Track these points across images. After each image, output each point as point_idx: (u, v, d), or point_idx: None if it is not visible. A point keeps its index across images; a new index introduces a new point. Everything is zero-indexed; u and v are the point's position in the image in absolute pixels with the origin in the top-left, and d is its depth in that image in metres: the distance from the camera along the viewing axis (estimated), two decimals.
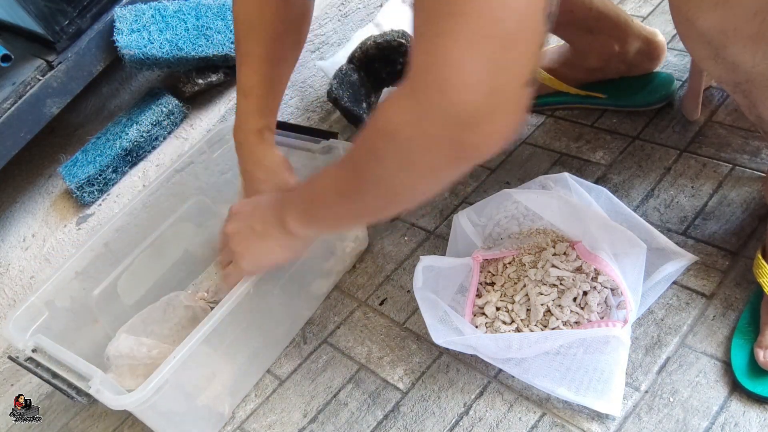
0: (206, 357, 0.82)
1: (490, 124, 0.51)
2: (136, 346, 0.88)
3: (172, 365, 0.75)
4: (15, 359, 0.83)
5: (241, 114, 0.88)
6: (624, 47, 1.03)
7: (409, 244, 1.00)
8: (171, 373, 0.75)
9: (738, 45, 0.61)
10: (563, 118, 1.09)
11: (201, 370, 0.83)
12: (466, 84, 0.50)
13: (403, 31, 1.13)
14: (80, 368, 0.78)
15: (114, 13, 1.17)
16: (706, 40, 0.62)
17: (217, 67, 1.21)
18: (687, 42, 0.67)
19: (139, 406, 0.75)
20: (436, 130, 0.52)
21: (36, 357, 0.81)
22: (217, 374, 0.86)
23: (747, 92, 0.67)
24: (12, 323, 0.86)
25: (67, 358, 0.80)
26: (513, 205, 0.89)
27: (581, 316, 0.79)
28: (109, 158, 1.14)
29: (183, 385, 0.81)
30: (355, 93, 1.12)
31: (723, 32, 0.60)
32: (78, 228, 1.12)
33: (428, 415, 0.79)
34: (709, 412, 0.70)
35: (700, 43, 0.64)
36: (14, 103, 1.10)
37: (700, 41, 0.63)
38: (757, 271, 0.75)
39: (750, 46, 0.61)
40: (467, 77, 0.49)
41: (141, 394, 0.74)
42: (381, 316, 0.92)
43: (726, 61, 0.63)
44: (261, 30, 0.84)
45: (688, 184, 0.92)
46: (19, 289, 1.08)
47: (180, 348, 0.76)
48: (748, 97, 0.68)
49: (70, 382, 0.78)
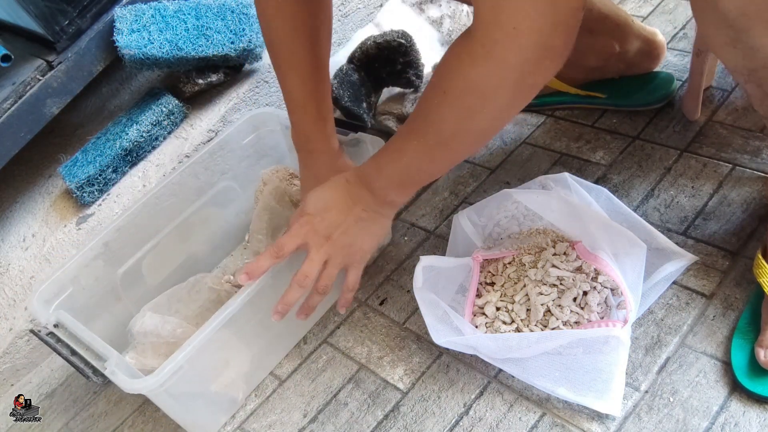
0: (223, 344, 0.82)
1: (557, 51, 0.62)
2: (162, 324, 0.88)
3: (187, 351, 0.76)
4: (37, 333, 0.83)
5: (305, 124, 0.88)
6: (624, 47, 1.03)
7: (409, 244, 1.00)
8: (186, 360, 0.76)
9: (759, 27, 0.61)
10: (563, 118, 1.09)
11: (217, 357, 0.83)
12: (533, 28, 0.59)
13: (403, 31, 1.13)
14: (98, 348, 0.78)
15: (114, 13, 1.17)
16: (727, 23, 0.62)
17: (217, 67, 1.21)
18: (705, 27, 0.67)
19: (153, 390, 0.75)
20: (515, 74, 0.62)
21: (57, 332, 0.82)
22: (233, 361, 0.86)
23: (762, 80, 0.66)
24: (37, 296, 0.87)
25: (86, 336, 0.80)
26: (513, 205, 0.89)
27: (581, 316, 0.79)
28: (109, 158, 1.14)
29: (198, 371, 0.81)
30: (355, 93, 1.12)
31: (745, 15, 0.60)
32: (78, 228, 1.12)
33: (428, 415, 0.79)
34: (709, 412, 0.70)
35: (720, 27, 0.63)
36: (14, 103, 1.10)
37: (720, 25, 0.63)
38: (757, 270, 0.75)
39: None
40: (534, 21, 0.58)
41: (155, 379, 0.74)
42: (381, 316, 0.92)
43: (745, 46, 0.63)
44: (303, 36, 0.83)
45: (689, 184, 0.92)
46: (19, 289, 1.08)
47: (196, 335, 0.77)
48: (762, 86, 0.67)
49: (87, 361, 0.78)
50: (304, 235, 0.79)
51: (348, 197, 0.79)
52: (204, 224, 1.06)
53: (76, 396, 1.00)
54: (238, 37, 1.17)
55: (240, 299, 0.79)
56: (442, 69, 0.68)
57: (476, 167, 1.07)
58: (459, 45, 0.65)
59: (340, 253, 0.80)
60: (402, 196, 0.81)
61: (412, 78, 1.15)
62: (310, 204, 0.80)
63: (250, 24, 1.18)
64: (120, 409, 0.95)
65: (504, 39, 0.60)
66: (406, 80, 1.15)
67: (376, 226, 0.81)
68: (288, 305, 0.79)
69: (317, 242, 0.79)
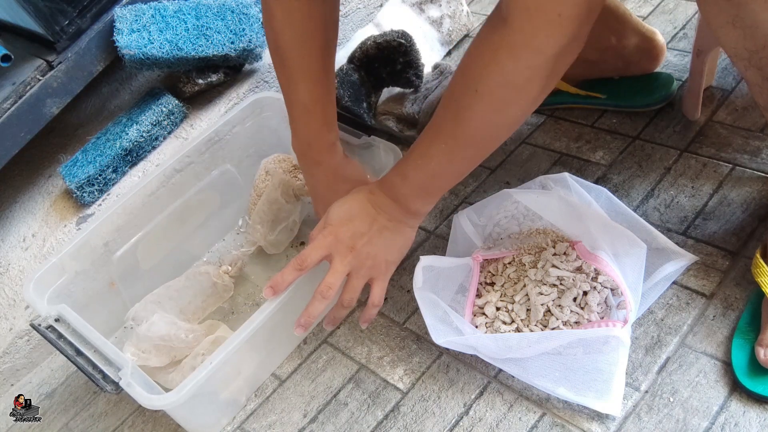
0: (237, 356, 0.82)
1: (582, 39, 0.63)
2: (173, 330, 0.88)
3: (208, 370, 0.75)
4: (36, 327, 0.81)
5: (309, 131, 0.86)
6: (621, 41, 1.02)
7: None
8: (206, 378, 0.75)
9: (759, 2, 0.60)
10: (563, 118, 1.09)
11: (230, 369, 0.83)
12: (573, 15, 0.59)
13: (403, 31, 1.13)
14: (108, 353, 0.77)
15: (114, 13, 1.17)
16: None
17: (217, 67, 1.21)
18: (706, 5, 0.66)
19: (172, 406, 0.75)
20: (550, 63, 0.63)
21: (58, 327, 0.80)
22: (244, 369, 0.86)
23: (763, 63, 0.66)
24: (32, 284, 0.86)
25: (93, 336, 0.79)
26: (513, 205, 0.89)
27: (581, 316, 0.79)
28: (109, 158, 1.14)
29: (213, 383, 0.81)
30: (355, 93, 1.12)
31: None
32: (78, 228, 1.12)
33: (428, 415, 0.79)
34: (709, 412, 0.70)
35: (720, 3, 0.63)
36: (14, 103, 1.10)
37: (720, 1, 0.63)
38: (756, 270, 0.75)
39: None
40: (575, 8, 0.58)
41: (176, 397, 0.73)
42: (381, 316, 0.92)
43: (744, 24, 0.63)
44: (313, 45, 0.81)
45: (689, 184, 0.92)
46: (19, 289, 1.08)
47: (217, 354, 0.76)
48: (763, 70, 0.67)
49: (96, 365, 0.76)
50: (328, 246, 0.78)
51: (371, 207, 0.79)
52: (200, 208, 1.06)
53: (76, 396, 1.00)
54: (238, 37, 1.17)
55: (263, 316, 0.79)
56: (472, 65, 0.67)
57: (476, 167, 1.06)
58: (490, 37, 0.64)
59: (364, 264, 0.78)
60: (427, 205, 0.80)
61: (412, 78, 1.15)
62: (333, 215, 0.79)
63: (250, 24, 1.18)
64: (120, 409, 0.95)
65: (547, 26, 0.59)
66: (406, 80, 1.15)
67: (400, 237, 0.80)
68: (311, 317, 0.78)
69: (341, 252, 0.77)
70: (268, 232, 1.01)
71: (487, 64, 0.65)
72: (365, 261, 0.78)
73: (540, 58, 0.62)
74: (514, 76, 0.64)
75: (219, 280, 0.99)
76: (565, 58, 0.64)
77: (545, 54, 0.62)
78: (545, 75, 0.64)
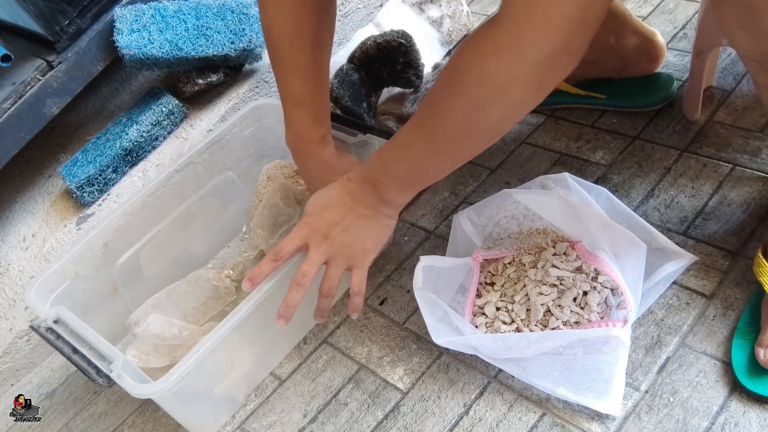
0: (230, 347, 0.82)
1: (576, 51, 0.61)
2: (168, 328, 0.88)
3: (195, 357, 0.75)
4: (36, 329, 0.82)
5: (300, 124, 0.87)
6: (620, 41, 1.02)
7: (409, 244, 1.00)
8: (194, 365, 0.76)
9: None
10: (563, 118, 1.09)
11: (223, 360, 0.84)
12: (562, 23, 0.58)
13: (403, 31, 1.13)
14: (102, 348, 0.78)
15: (114, 13, 1.17)
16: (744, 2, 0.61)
17: (217, 67, 1.21)
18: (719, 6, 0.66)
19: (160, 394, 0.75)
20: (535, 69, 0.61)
21: (57, 328, 0.81)
22: (238, 363, 0.86)
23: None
24: (34, 289, 0.87)
25: (89, 335, 0.80)
26: (513, 205, 0.89)
27: (581, 316, 0.79)
28: (109, 158, 1.14)
29: (205, 374, 0.81)
30: (355, 92, 1.12)
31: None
32: (78, 228, 1.12)
33: (428, 415, 0.79)
34: (709, 412, 0.70)
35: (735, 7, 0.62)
36: (14, 103, 1.10)
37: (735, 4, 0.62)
38: (758, 269, 0.75)
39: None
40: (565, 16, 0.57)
41: (163, 384, 0.74)
42: (381, 316, 0.92)
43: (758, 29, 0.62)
44: (305, 38, 0.82)
45: (689, 184, 0.92)
46: (19, 289, 1.08)
47: (205, 341, 0.76)
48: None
49: (91, 361, 0.77)
50: (304, 236, 0.78)
51: (348, 196, 0.79)
52: (203, 216, 1.06)
53: (76, 396, 1.00)
54: (238, 37, 1.17)
55: (249, 305, 0.79)
56: (457, 59, 0.67)
57: (476, 167, 1.07)
58: (481, 34, 0.64)
59: (340, 252, 0.79)
60: (402, 196, 0.79)
61: (412, 78, 1.15)
62: (310, 205, 0.80)
63: (250, 24, 1.18)
64: (120, 409, 0.95)
65: (533, 30, 0.59)
66: (406, 80, 1.16)
67: (377, 224, 0.80)
68: (290, 306, 0.78)
69: (316, 241, 0.78)
70: (269, 236, 1.01)
71: (471, 59, 0.65)
72: (341, 249, 0.78)
73: (522, 63, 0.61)
74: (494, 75, 0.63)
75: (220, 284, 0.99)
76: (553, 72, 0.62)
77: (528, 59, 0.61)
78: (526, 83, 0.63)
